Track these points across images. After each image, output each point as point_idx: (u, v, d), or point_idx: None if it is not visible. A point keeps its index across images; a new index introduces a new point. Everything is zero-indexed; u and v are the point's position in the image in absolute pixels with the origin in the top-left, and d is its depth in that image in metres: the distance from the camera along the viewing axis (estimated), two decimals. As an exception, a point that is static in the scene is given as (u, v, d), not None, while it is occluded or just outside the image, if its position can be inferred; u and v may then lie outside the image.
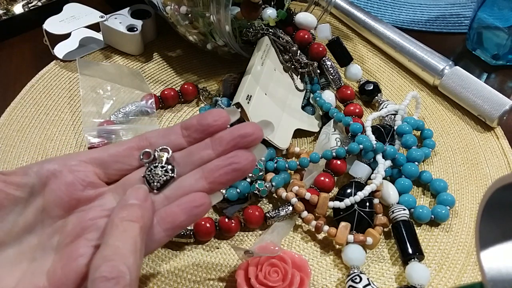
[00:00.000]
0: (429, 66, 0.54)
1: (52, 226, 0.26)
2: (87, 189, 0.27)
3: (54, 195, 0.26)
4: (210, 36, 0.50)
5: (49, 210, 0.26)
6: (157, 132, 0.28)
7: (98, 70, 0.53)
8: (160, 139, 0.28)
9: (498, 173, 0.48)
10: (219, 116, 0.27)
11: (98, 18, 0.55)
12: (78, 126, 0.50)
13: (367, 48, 0.60)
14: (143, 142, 0.28)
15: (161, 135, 0.28)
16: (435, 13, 0.65)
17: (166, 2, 0.50)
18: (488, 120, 0.51)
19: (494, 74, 0.58)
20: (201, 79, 0.55)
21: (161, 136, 0.28)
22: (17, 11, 0.59)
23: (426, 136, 0.49)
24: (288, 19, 0.52)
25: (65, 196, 0.26)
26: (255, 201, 0.44)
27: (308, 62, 0.51)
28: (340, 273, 0.40)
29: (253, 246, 0.39)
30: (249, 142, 0.27)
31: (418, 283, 0.38)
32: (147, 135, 0.28)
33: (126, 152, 0.28)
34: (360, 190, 0.41)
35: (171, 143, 0.28)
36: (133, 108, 0.49)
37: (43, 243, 0.26)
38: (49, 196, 0.26)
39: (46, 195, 0.26)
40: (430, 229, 0.43)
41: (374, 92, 0.52)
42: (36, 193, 0.26)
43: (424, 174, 0.45)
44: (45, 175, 0.26)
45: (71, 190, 0.26)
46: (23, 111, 0.51)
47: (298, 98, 0.51)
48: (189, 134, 0.28)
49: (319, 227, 0.41)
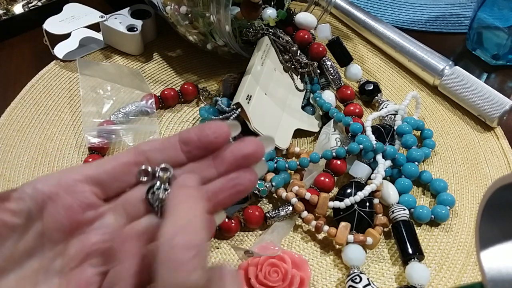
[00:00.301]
0: (429, 66, 0.54)
1: (53, 250, 0.26)
2: (86, 212, 0.26)
3: (53, 220, 0.25)
4: (210, 36, 0.50)
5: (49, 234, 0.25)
6: (154, 145, 0.27)
7: (98, 70, 0.53)
8: (158, 153, 0.27)
9: (498, 173, 0.48)
10: (220, 132, 0.26)
11: (98, 18, 0.55)
12: (78, 126, 0.50)
13: (367, 48, 0.60)
14: (140, 157, 0.27)
15: (159, 149, 0.27)
16: (435, 13, 0.65)
17: (166, 2, 0.50)
18: (488, 120, 0.51)
19: (494, 74, 0.58)
20: (201, 79, 0.55)
21: (159, 151, 0.27)
22: (17, 11, 0.59)
23: (426, 136, 0.49)
24: (288, 19, 0.52)
25: (65, 220, 0.25)
26: (255, 201, 0.44)
27: (308, 62, 0.51)
28: (340, 273, 0.40)
29: (253, 246, 0.39)
30: (252, 162, 0.27)
31: (418, 283, 0.38)
32: (143, 147, 0.27)
33: (123, 169, 0.27)
34: (360, 190, 0.41)
35: (170, 158, 0.27)
36: (133, 108, 0.49)
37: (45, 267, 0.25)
38: (49, 221, 0.25)
39: (45, 220, 0.25)
40: (430, 229, 0.43)
41: (374, 92, 0.52)
42: (34, 217, 0.25)
43: (424, 174, 0.45)
44: (40, 198, 0.25)
45: (70, 214, 0.25)
46: (23, 111, 0.51)
47: (298, 98, 0.51)
48: (189, 150, 0.27)
49: (319, 227, 0.41)
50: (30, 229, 0.25)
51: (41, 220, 0.25)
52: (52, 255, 0.26)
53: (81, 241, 0.26)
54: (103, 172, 0.26)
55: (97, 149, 0.46)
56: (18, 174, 0.46)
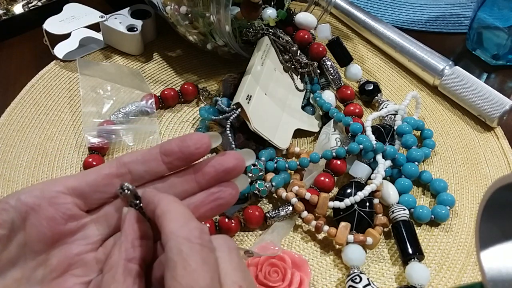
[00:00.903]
0: (429, 66, 0.54)
1: (36, 260, 0.26)
2: (68, 223, 0.26)
3: (36, 230, 0.26)
4: (210, 36, 0.50)
5: (32, 245, 0.26)
6: (136, 157, 0.27)
7: (98, 70, 0.53)
8: (140, 165, 0.27)
9: (498, 173, 0.48)
10: (201, 143, 0.27)
11: (98, 18, 0.55)
12: (78, 126, 0.50)
13: (367, 48, 0.60)
14: (122, 169, 0.27)
15: (140, 161, 0.27)
16: (435, 13, 0.65)
17: (166, 2, 0.50)
18: (488, 120, 0.51)
19: (494, 74, 0.58)
20: (201, 79, 0.55)
21: (140, 162, 0.27)
22: (17, 11, 0.59)
23: (426, 136, 0.49)
24: (288, 19, 0.52)
25: (47, 231, 0.26)
26: (255, 201, 0.44)
27: (308, 62, 0.51)
28: (340, 273, 0.40)
29: (253, 246, 0.39)
30: (233, 175, 0.27)
31: (418, 283, 0.38)
32: (125, 160, 0.27)
33: (105, 181, 0.27)
34: (360, 190, 0.41)
35: (151, 170, 0.27)
36: (133, 108, 0.49)
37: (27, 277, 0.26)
38: (31, 231, 0.26)
39: (27, 230, 0.26)
40: (430, 229, 0.43)
41: (374, 92, 0.52)
42: (17, 228, 0.25)
43: (424, 174, 0.45)
44: (24, 209, 0.25)
45: (52, 225, 0.26)
46: (23, 111, 0.51)
47: (298, 98, 0.51)
48: (170, 161, 0.27)
49: (319, 227, 0.41)
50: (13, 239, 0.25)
51: (24, 230, 0.26)
52: (34, 265, 0.26)
53: (63, 252, 0.26)
54: (85, 184, 0.27)
55: (97, 149, 0.46)
56: (18, 174, 0.46)
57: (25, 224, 0.26)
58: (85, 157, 0.46)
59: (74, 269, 0.26)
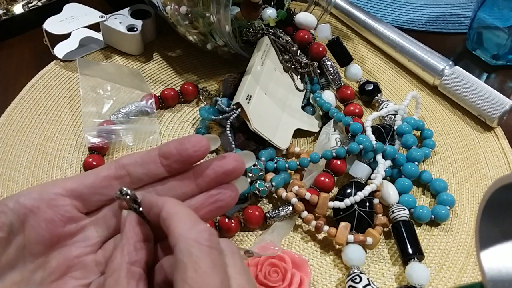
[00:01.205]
0: (429, 66, 0.54)
1: (34, 262, 0.26)
2: (67, 225, 0.26)
3: (34, 233, 0.26)
4: (210, 36, 0.50)
5: (31, 247, 0.26)
6: (134, 159, 0.27)
7: (98, 70, 0.53)
8: (138, 167, 0.27)
9: (498, 173, 0.48)
10: (200, 146, 0.26)
11: (98, 18, 0.55)
12: (78, 126, 0.50)
13: (367, 48, 0.60)
14: (120, 171, 0.27)
15: (139, 163, 0.27)
16: (435, 13, 0.65)
17: (166, 2, 0.50)
18: (488, 120, 0.51)
19: (494, 74, 0.58)
20: (201, 79, 0.55)
21: (139, 165, 0.27)
22: (17, 11, 0.59)
23: (426, 136, 0.49)
24: (288, 19, 0.52)
25: (46, 233, 0.26)
26: (255, 201, 0.44)
27: (308, 62, 0.51)
28: (340, 273, 0.40)
29: (253, 246, 0.39)
30: (233, 177, 0.27)
31: (418, 283, 0.38)
32: (124, 162, 0.27)
33: (104, 183, 0.27)
34: (360, 190, 0.41)
35: (150, 172, 0.27)
36: (133, 108, 0.49)
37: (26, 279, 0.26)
38: (30, 234, 0.26)
39: (26, 233, 0.26)
40: (430, 229, 0.43)
41: (374, 92, 0.52)
42: (16, 231, 0.25)
43: (424, 174, 0.45)
44: (22, 212, 0.25)
45: (51, 227, 0.26)
46: (23, 111, 0.51)
47: (298, 98, 0.51)
48: (169, 164, 0.27)
49: (319, 227, 0.41)
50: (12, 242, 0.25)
51: (23, 233, 0.26)
52: (33, 268, 0.26)
53: (62, 254, 0.26)
54: (84, 186, 0.27)
55: (97, 149, 0.46)
56: (18, 174, 0.46)
57: (24, 227, 0.25)
58: (85, 157, 0.46)
59: (73, 272, 0.26)
